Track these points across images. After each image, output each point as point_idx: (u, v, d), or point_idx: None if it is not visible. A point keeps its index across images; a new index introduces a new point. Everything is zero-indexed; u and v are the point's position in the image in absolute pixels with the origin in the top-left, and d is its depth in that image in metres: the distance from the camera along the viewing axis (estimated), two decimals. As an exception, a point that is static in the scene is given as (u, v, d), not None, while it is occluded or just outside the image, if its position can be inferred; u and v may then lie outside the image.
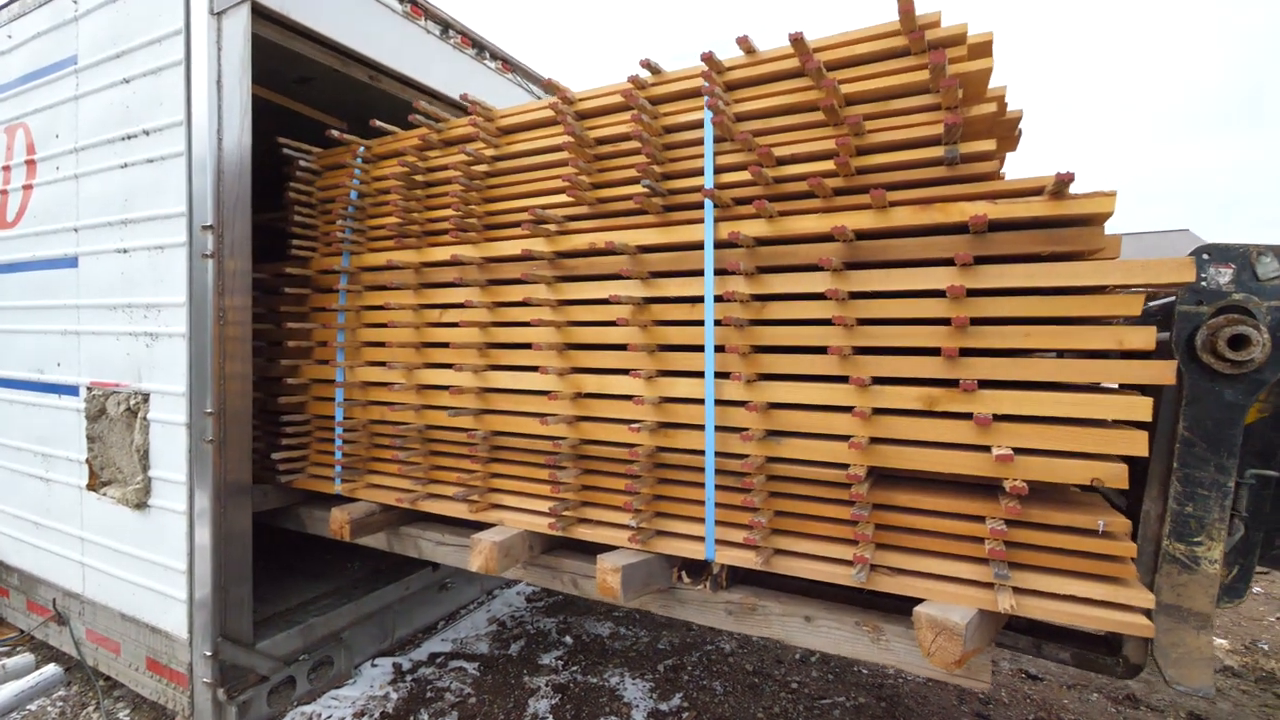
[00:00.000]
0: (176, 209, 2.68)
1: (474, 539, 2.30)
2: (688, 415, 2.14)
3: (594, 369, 2.34)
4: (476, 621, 4.24)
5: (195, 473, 2.66)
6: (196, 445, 2.65)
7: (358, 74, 3.20)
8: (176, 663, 2.74)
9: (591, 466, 2.34)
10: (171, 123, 2.71)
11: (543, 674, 3.53)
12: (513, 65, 4.11)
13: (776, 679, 3.56)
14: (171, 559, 2.73)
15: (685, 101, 2.20)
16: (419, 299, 2.76)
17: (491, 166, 2.61)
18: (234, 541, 2.69)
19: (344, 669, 3.28)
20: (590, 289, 2.34)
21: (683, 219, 2.20)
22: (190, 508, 2.67)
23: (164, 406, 2.75)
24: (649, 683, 3.45)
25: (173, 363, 2.72)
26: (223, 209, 2.62)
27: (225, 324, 2.65)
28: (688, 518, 2.16)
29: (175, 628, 2.73)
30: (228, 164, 2.63)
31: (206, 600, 2.63)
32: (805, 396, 1.95)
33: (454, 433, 2.65)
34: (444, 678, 3.47)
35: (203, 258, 2.62)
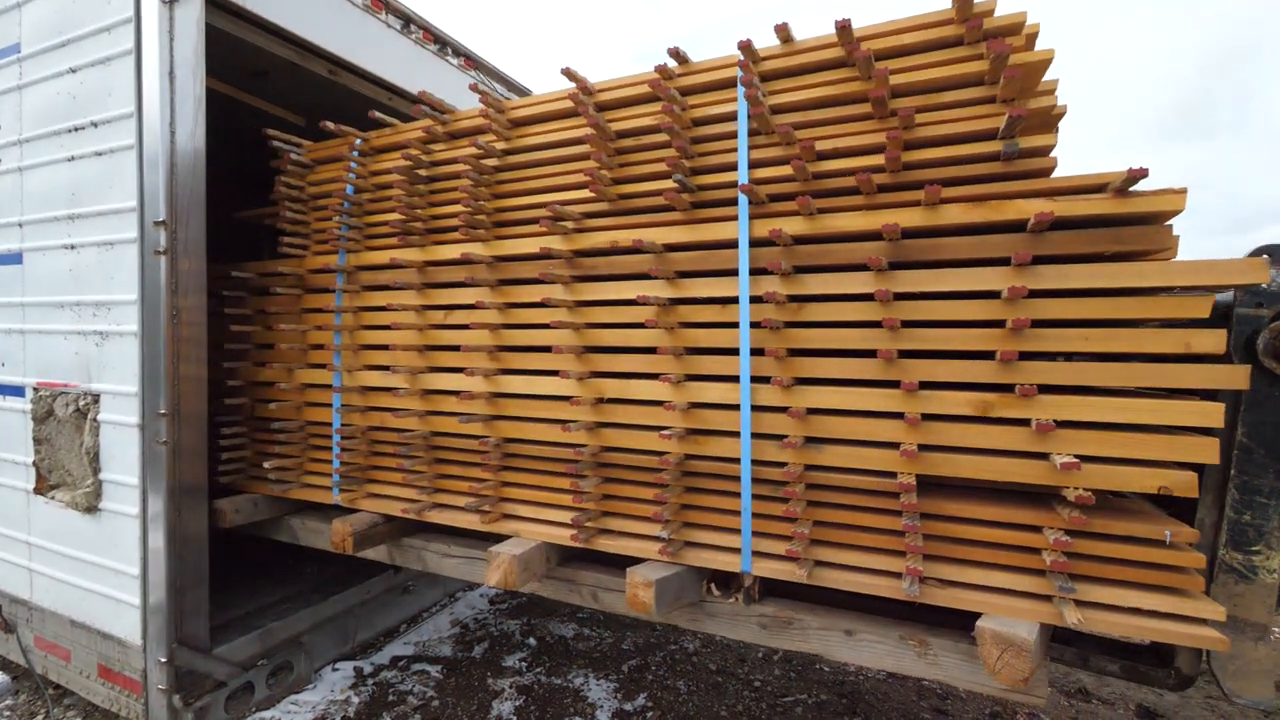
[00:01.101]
0: (127, 204, 2.58)
1: (491, 552, 2.17)
2: (718, 421, 2.04)
3: (615, 373, 2.22)
4: (439, 624, 4.19)
5: (148, 475, 2.57)
6: (150, 447, 2.56)
7: (317, 68, 3.11)
8: (130, 669, 2.65)
9: (613, 475, 2.23)
10: (121, 115, 2.59)
11: (507, 676, 3.50)
12: (476, 62, 4.02)
13: (740, 677, 3.57)
14: (124, 564, 2.64)
15: (715, 93, 2.09)
16: (423, 299, 2.61)
17: (502, 161, 2.47)
18: (189, 545, 2.61)
19: (304, 673, 3.20)
20: (610, 289, 2.22)
21: (711, 216, 2.09)
22: (143, 511, 2.58)
23: (115, 407, 2.65)
24: (613, 683, 3.44)
25: (124, 362, 2.62)
26: (176, 204, 2.53)
27: (180, 323, 2.55)
28: (719, 528, 2.06)
29: (128, 634, 2.64)
30: (181, 158, 2.54)
31: (161, 605, 2.55)
32: (848, 402, 1.86)
33: (463, 440, 2.51)
34: (406, 681, 3.42)
35: (155, 254, 2.52)
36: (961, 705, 3.34)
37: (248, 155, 4.30)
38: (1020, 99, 1.69)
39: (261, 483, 3.03)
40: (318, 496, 2.83)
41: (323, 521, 2.93)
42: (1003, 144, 1.66)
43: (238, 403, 3.06)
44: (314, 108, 3.62)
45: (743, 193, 1.92)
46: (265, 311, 3.07)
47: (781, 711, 3.24)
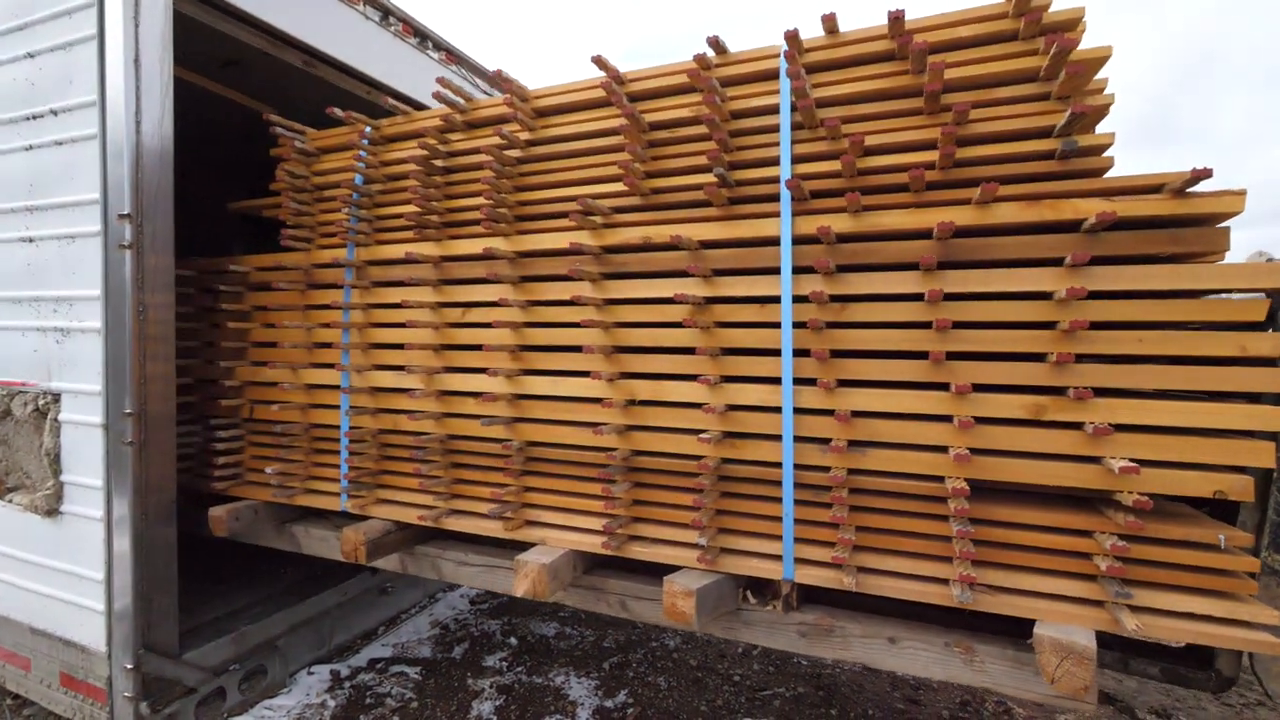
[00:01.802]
0: (89, 196, 2.49)
1: (519, 561, 2.09)
2: (757, 424, 1.99)
3: (647, 374, 2.15)
4: (418, 625, 4.14)
5: (113, 477, 2.49)
6: (115, 448, 2.48)
7: (291, 59, 3.03)
8: (94, 677, 2.57)
9: (645, 480, 2.16)
10: (83, 103, 2.50)
11: (487, 676, 3.48)
12: (457, 57, 3.93)
13: (719, 673, 3.60)
14: (87, 568, 2.56)
15: (754, 85, 2.04)
16: (439, 296, 2.51)
17: (525, 152, 2.39)
18: (157, 548, 2.54)
19: (278, 678, 3.13)
20: (641, 287, 2.16)
21: (750, 212, 2.04)
22: (108, 514, 2.50)
23: (77, 407, 2.57)
24: (594, 680, 3.44)
25: (87, 360, 2.54)
26: (142, 197, 2.45)
27: (146, 320, 2.48)
28: (758, 534, 2.00)
29: (92, 641, 2.56)
30: (147, 149, 2.46)
31: (127, 611, 2.48)
32: (894, 404, 1.83)
33: (482, 443, 2.42)
34: (385, 683, 3.38)
35: (120, 248, 2.44)
36: (933, 695, 3.41)
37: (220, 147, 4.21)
38: (1075, 96, 1.66)
39: (260, 488, 2.89)
40: (324, 503, 2.71)
41: (328, 529, 2.81)
42: (1060, 142, 1.64)
43: (235, 404, 2.91)
44: (288, 100, 3.52)
45: (788, 188, 1.87)
46: (265, 308, 2.92)
47: (760, 705, 3.28)
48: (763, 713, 3.19)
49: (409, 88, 3.49)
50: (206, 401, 3.06)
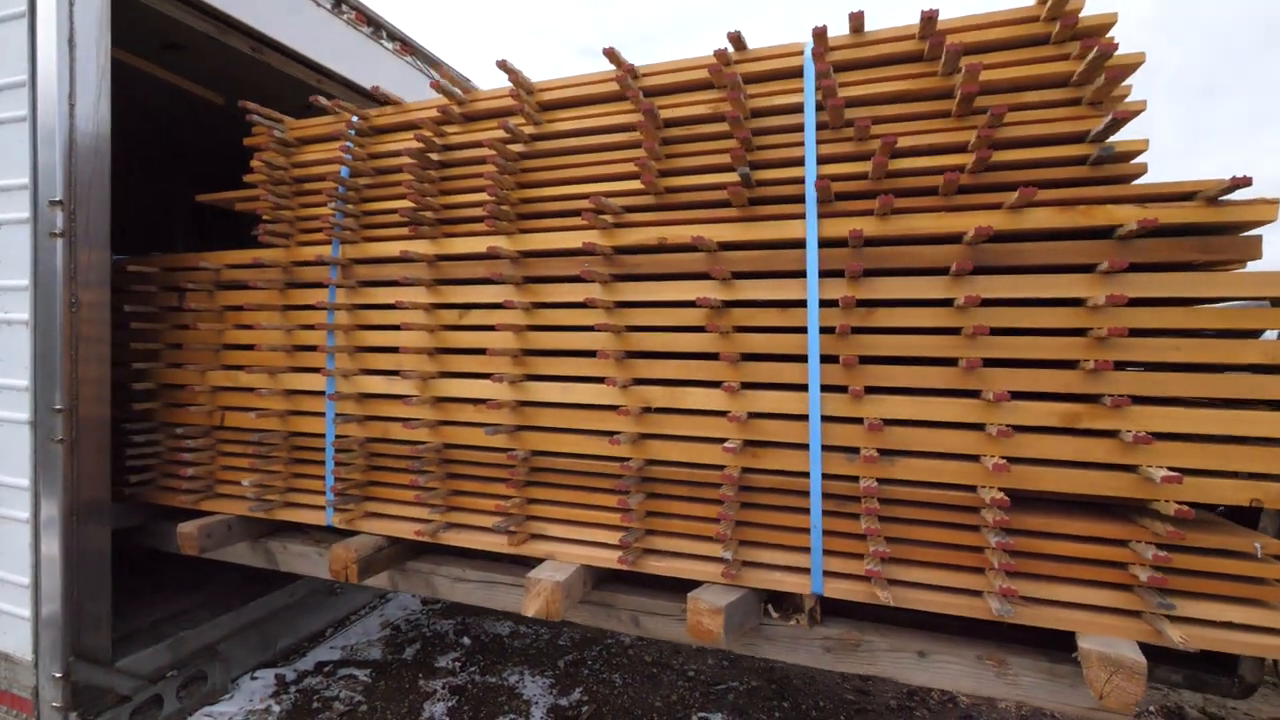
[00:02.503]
0: (18, 180, 2.39)
1: (531, 579, 1.96)
2: (780, 432, 1.92)
3: (662, 380, 2.06)
4: (368, 627, 4.07)
5: (42, 477, 2.38)
6: (43, 446, 2.37)
7: (238, 44, 2.93)
8: (19, 687, 2.47)
9: (660, 490, 2.07)
10: (12, 83, 2.39)
11: (439, 677, 3.43)
12: (412, 48, 3.84)
13: (674, 668, 3.62)
14: (12, 573, 2.44)
15: (776, 83, 1.97)
16: (434, 297, 2.36)
17: (529, 146, 2.27)
18: (89, 553, 2.43)
19: (219, 684, 3.04)
20: (655, 290, 2.07)
21: (770, 214, 1.97)
22: (35, 516, 2.39)
23: (3, 402, 2.46)
24: (549, 679, 3.43)
25: (14, 354, 2.44)
26: (75, 183, 2.35)
27: (79, 312, 2.38)
28: (782, 546, 1.93)
29: (17, 649, 2.46)
30: (82, 133, 2.36)
31: (55, 617, 2.37)
32: (924, 412, 1.78)
33: (482, 453, 2.28)
34: (332, 686, 3.32)
35: (51, 236, 2.34)
36: (881, 685, 3.49)
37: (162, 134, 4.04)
38: (1107, 101, 1.65)
39: (233, 502, 2.68)
40: (307, 517, 2.53)
41: (308, 544, 2.63)
42: (1096, 147, 1.62)
43: (204, 411, 2.70)
44: (236, 87, 3.40)
45: (817, 189, 1.80)
46: (238, 308, 2.72)
47: (715, 699, 3.31)
48: (717, 707, 3.22)
49: (362, 77, 3.40)
50: (171, 408, 2.83)
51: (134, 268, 2.88)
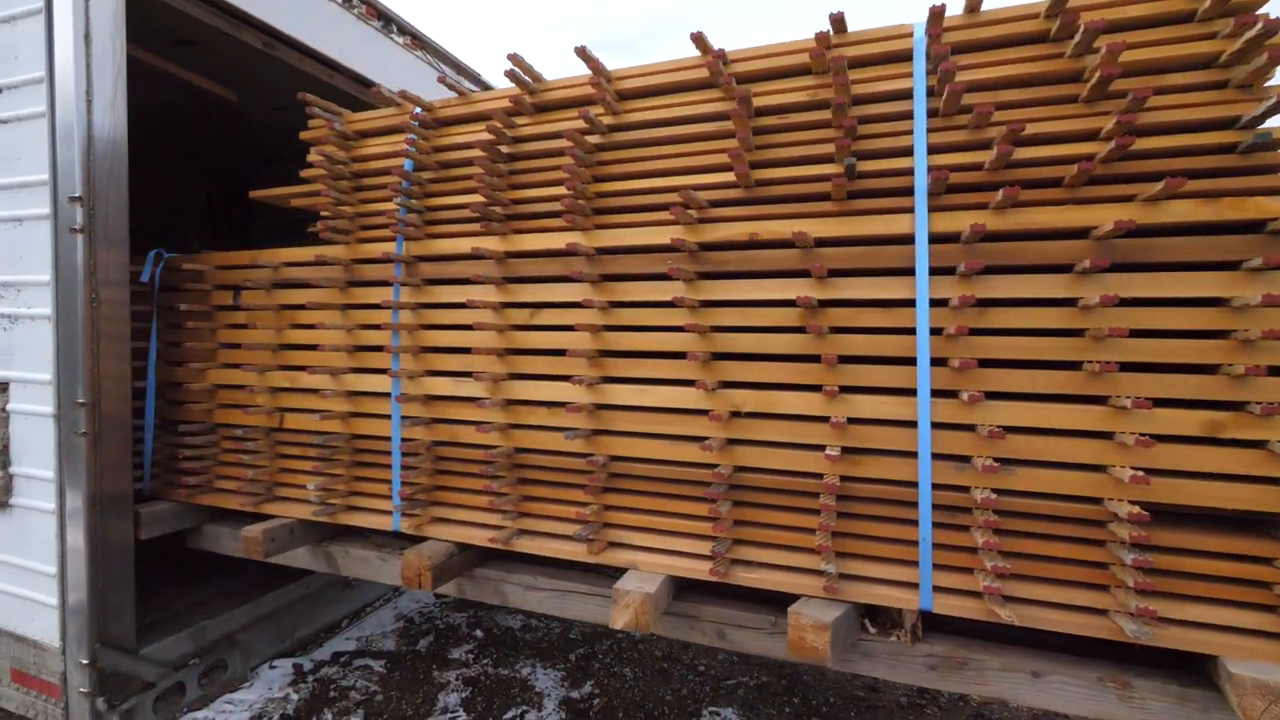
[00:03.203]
0: (38, 177, 2.40)
1: (619, 591, 1.88)
2: (883, 439, 1.82)
3: (752, 383, 1.97)
4: (383, 619, 4.13)
5: (66, 469, 2.41)
6: (67, 439, 2.40)
7: (250, 39, 2.93)
8: (47, 673, 2.51)
9: (748, 498, 1.97)
10: (30, 79, 2.42)
11: (453, 668, 3.46)
12: (422, 42, 3.83)
13: (684, 663, 3.62)
14: (39, 562, 2.49)
15: (881, 67, 1.86)
16: (503, 296, 2.28)
17: (605, 138, 2.17)
18: (113, 542, 2.47)
19: (239, 672, 3.06)
20: (745, 288, 1.97)
21: (873, 207, 1.86)
22: (61, 507, 2.43)
23: (27, 396, 2.51)
24: (560, 672, 3.45)
25: (37, 348, 2.46)
26: (94, 179, 2.36)
27: (100, 307, 2.40)
28: (885, 559, 1.83)
29: (45, 635, 2.51)
30: (99, 129, 2.37)
31: (81, 605, 2.41)
32: (1045, 419, 1.67)
33: (555, 457, 2.20)
34: (349, 676, 3.36)
35: (71, 232, 2.36)
36: (891, 683, 3.43)
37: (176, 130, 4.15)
38: (1258, 84, 1.52)
39: (293, 505, 2.62)
40: (372, 522, 2.46)
41: (369, 549, 2.56)
42: (1248, 134, 1.50)
43: (260, 412, 2.64)
44: (247, 82, 3.48)
45: (932, 181, 1.69)
46: (294, 306, 2.65)
47: (725, 694, 3.31)
48: (727, 702, 3.21)
49: (372, 71, 3.38)
50: (226, 410, 2.78)
51: (189, 265, 2.82)
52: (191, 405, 2.78)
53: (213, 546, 2.88)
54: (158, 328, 2.95)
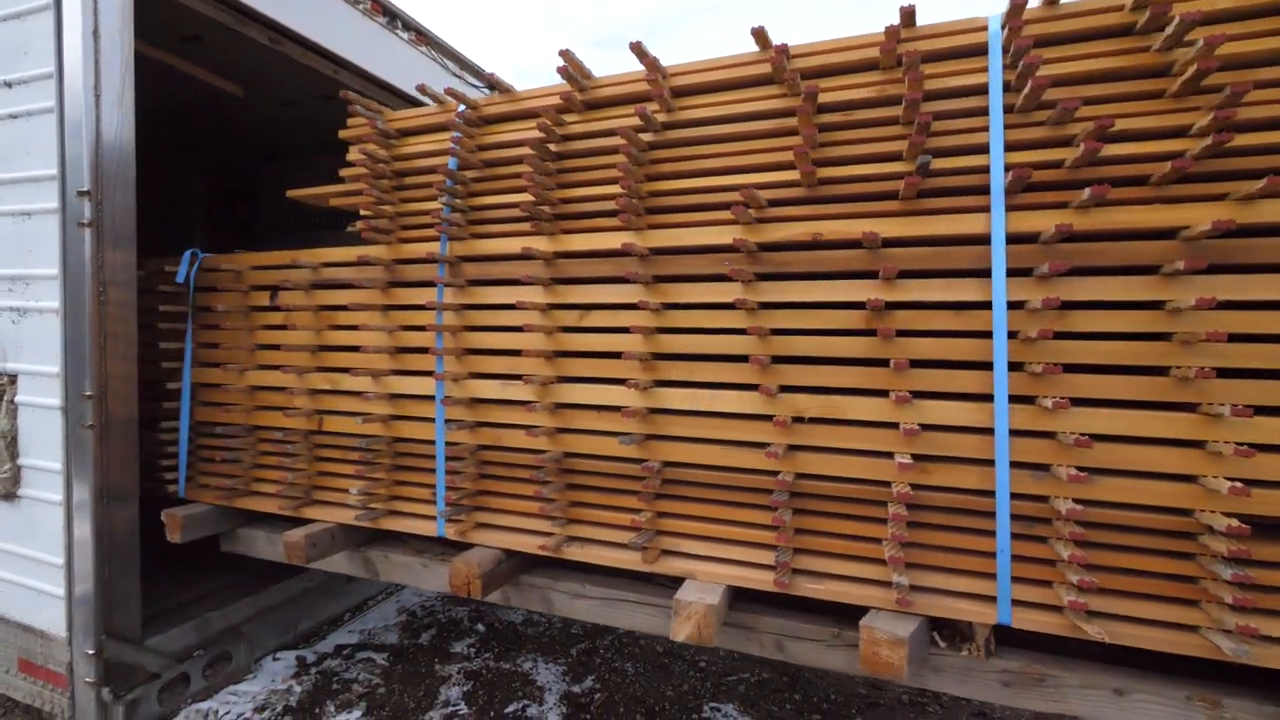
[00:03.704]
0: (46, 171, 2.43)
1: (681, 602, 1.83)
2: (956, 446, 1.75)
3: (814, 388, 1.91)
4: (385, 612, 4.14)
5: (73, 460, 2.43)
6: (74, 431, 2.43)
7: (256, 34, 2.95)
8: (54, 663, 2.54)
9: (811, 506, 1.92)
10: (39, 75, 2.43)
11: (455, 662, 3.48)
12: (427, 38, 3.83)
13: (686, 659, 3.60)
14: (46, 553, 2.51)
15: (954, 62, 1.80)
16: (551, 297, 2.23)
17: (659, 135, 2.12)
18: (119, 534, 2.49)
19: (243, 664, 3.11)
20: (805, 290, 1.91)
21: (944, 206, 1.80)
22: (68, 498, 2.44)
23: (35, 388, 2.53)
24: (561, 666, 3.45)
25: (45, 341, 2.49)
26: (102, 174, 2.38)
27: (107, 300, 2.42)
28: (957, 571, 1.77)
29: (52, 626, 2.53)
30: (107, 124, 2.39)
31: (88, 596, 2.43)
32: (1130, 427, 1.61)
33: (605, 463, 2.15)
34: (351, 669, 3.38)
35: (79, 226, 2.38)
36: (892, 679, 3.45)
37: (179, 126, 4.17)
38: (1364, 79, 1.46)
39: (332, 509, 2.58)
40: (415, 527, 2.41)
41: (410, 555, 2.52)
42: (1356, 130, 1.43)
43: (299, 414, 2.59)
44: (252, 78, 3.52)
45: (1013, 179, 1.63)
46: (331, 307, 2.61)
47: (726, 690, 3.29)
48: (728, 698, 3.21)
49: (377, 67, 3.42)
50: (261, 412, 2.74)
51: (227, 265, 2.79)
52: (228, 407, 2.74)
53: (247, 550, 2.85)
54: (192, 328, 2.91)
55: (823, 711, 3.13)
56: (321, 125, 4.58)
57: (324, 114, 4.19)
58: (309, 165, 5.35)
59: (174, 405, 2.92)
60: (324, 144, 5.13)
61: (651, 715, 3.05)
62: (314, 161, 5.28)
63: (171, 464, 2.92)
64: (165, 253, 3.06)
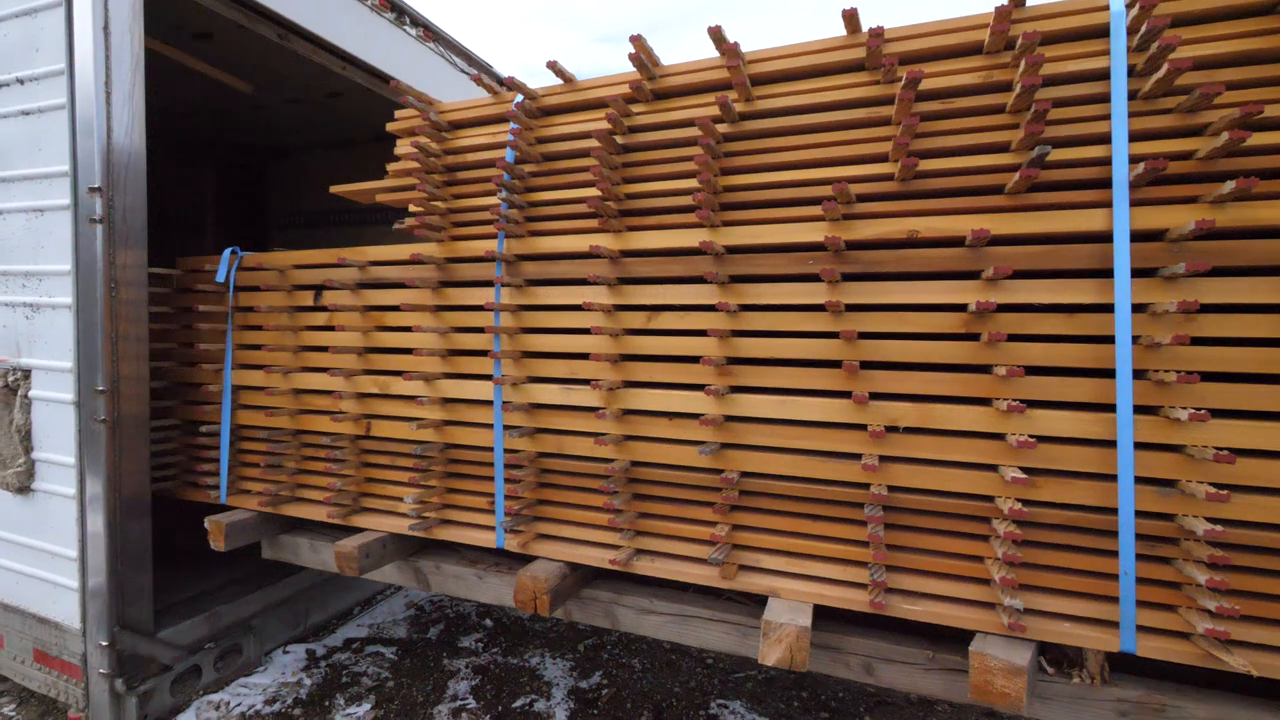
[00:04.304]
0: (58, 168, 2.45)
1: (772, 623, 1.72)
2: (1070, 460, 1.63)
3: (907, 395, 1.79)
4: (394, 606, 4.18)
5: (86, 455, 2.46)
6: (87, 425, 2.45)
7: (265, 31, 2.96)
8: (68, 654, 2.58)
9: (902, 521, 1.80)
10: (50, 71, 2.45)
11: (463, 656, 3.50)
12: (435, 34, 3.84)
13: (693, 655, 3.62)
14: (60, 545, 2.55)
15: (1068, 45, 1.66)
16: (616, 298, 2.12)
17: (734, 127, 2.00)
18: (131, 527, 2.52)
19: (253, 656, 3.13)
20: (898, 291, 1.79)
21: (1052, 201, 1.67)
22: (81, 492, 2.48)
23: (48, 383, 2.56)
24: (569, 662, 3.47)
25: (58, 336, 2.51)
26: (113, 170, 2.39)
27: (119, 296, 2.44)
28: (1072, 593, 1.65)
29: (66, 618, 2.57)
30: (118, 121, 2.40)
31: (101, 588, 2.46)
32: (1266, 441, 1.48)
33: (677, 473, 2.04)
34: (360, 662, 3.40)
35: (90, 223, 2.39)
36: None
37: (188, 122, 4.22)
38: None
39: (378, 516, 2.49)
40: (472, 538, 2.31)
41: (463, 565, 2.42)
42: None
43: (346, 418, 2.50)
44: (262, 74, 3.57)
45: (1148, 170, 1.50)
46: (379, 308, 2.50)
47: (733, 686, 3.30)
48: (735, 694, 3.20)
49: (386, 64, 3.42)
50: (303, 416, 2.64)
51: (269, 264, 2.69)
52: (271, 411, 2.65)
53: (291, 557, 2.76)
54: (232, 329, 2.82)
55: (830, 709, 3.12)
56: (330, 122, 4.62)
57: (332, 111, 4.29)
58: (319, 161, 5.37)
59: (214, 408, 2.83)
60: (332, 141, 5.17)
61: (659, 711, 3.05)
62: (323, 158, 5.31)
63: (212, 469, 2.83)
64: (176, 250, 3.05)
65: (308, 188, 5.47)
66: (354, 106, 4.02)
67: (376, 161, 5.03)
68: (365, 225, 5.16)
